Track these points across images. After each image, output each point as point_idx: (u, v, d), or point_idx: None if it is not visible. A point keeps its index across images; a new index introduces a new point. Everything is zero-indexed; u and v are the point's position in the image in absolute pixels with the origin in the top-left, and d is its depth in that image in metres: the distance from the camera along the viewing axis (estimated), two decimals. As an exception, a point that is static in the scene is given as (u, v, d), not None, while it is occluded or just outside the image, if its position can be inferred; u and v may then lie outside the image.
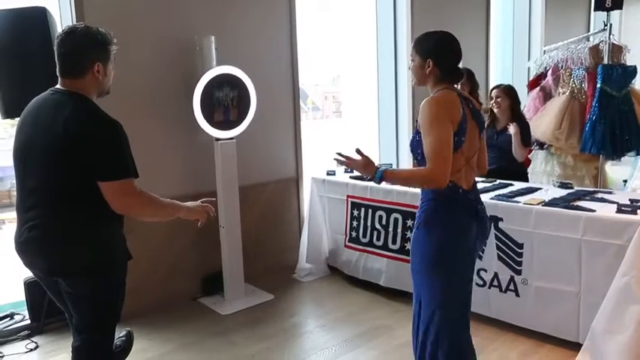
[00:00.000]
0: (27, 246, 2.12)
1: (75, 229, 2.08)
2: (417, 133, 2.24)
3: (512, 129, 4.07)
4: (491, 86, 5.19)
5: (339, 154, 2.27)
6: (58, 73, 2.15)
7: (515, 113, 4.21)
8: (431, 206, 2.26)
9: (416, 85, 2.38)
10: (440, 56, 2.24)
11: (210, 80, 3.73)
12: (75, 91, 2.11)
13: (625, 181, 5.45)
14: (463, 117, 2.19)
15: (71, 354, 2.26)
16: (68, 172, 2.04)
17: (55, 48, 2.14)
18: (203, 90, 3.71)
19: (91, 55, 2.12)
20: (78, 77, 2.12)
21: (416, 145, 2.25)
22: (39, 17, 3.08)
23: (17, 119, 3.21)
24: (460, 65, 2.33)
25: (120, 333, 2.83)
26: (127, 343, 2.80)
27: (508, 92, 4.22)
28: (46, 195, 2.07)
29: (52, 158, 2.04)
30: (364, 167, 2.25)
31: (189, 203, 2.34)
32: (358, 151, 2.27)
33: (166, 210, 2.25)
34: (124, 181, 2.05)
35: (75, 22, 3.40)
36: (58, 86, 2.16)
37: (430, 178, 2.11)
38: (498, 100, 4.18)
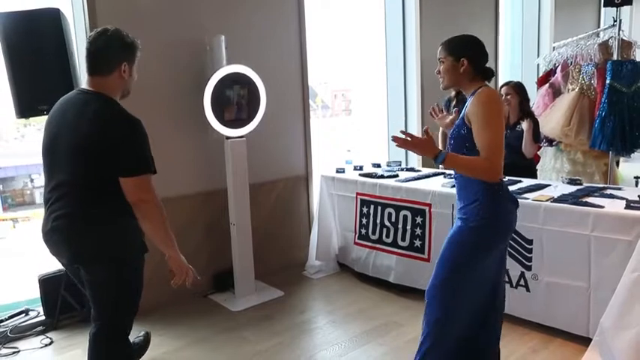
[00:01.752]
0: (52, 235, 2.23)
1: (95, 220, 2.19)
2: (463, 125, 2.28)
3: (525, 125, 4.07)
4: (500, 83, 5.19)
5: (402, 132, 2.28)
6: (86, 72, 2.28)
7: (525, 110, 4.21)
8: (485, 207, 2.27)
9: (445, 88, 2.44)
10: (474, 54, 2.33)
11: (220, 79, 3.77)
12: (100, 92, 2.24)
13: (636, 178, 5.40)
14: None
15: (88, 341, 2.34)
16: (92, 167, 2.16)
17: (85, 47, 2.27)
18: (213, 89, 3.75)
19: (119, 55, 2.27)
20: (105, 75, 2.25)
21: (463, 139, 2.28)
22: (52, 18, 3.13)
23: (31, 119, 3.33)
24: None
25: (139, 333, 2.90)
26: (144, 342, 2.90)
27: (518, 89, 4.21)
28: (71, 188, 2.20)
29: (78, 154, 2.16)
30: (426, 146, 2.25)
31: (183, 258, 2.35)
32: (426, 132, 2.31)
33: (166, 232, 2.27)
34: (143, 176, 2.18)
35: (88, 23, 3.47)
36: (84, 86, 2.30)
37: (489, 169, 2.19)
38: (508, 97, 4.18)
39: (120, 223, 2.22)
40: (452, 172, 3.00)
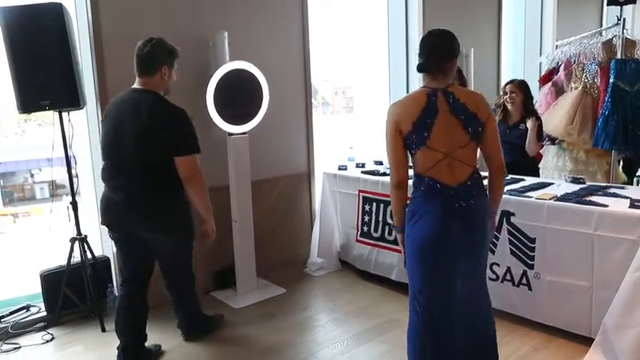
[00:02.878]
0: (113, 206, 2.78)
1: (152, 195, 2.72)
2: None
3: (530, 123, 4.06)
4: (503, 81, 5.18)
5: None
6: (136, 73, 2.78)
7: (528, 108, 4.20)
8: (411, 204, 2.41)
9: None
10: (419, 52, 2.48)
11: (223, 75, 3.76)
12: (149, 89, 2.74)
13: (638, 177, 5.40)
14: (425, 113, 2.27)
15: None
16: (149, 151, 2.65)
17: (135, 53, 2.77)
18: (216, 85, 3.73)
19: (161, 59, 2.77)
20: (150, 75, 2.76)
21: None
22: (55, 13, 3.12)
23: (32, 114, 3.60)
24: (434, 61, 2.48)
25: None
26: (221, 318, 3.57)
27: (522, 87, 4.21)
28: (130, 169, 2.70)
29: (137, 141, 2.65)
30: None
31: (213, 223, 2.99)
32: None
33: (208, 202, 2.88)
34: (192, 155, 2.71)
35: (90, 18, 3.46)
36: (135, 85, 2.79)
37: (391, 184, 2.41)
38: (513, 95, 4.17)
39: (173, 196, 2.75)
40: None
